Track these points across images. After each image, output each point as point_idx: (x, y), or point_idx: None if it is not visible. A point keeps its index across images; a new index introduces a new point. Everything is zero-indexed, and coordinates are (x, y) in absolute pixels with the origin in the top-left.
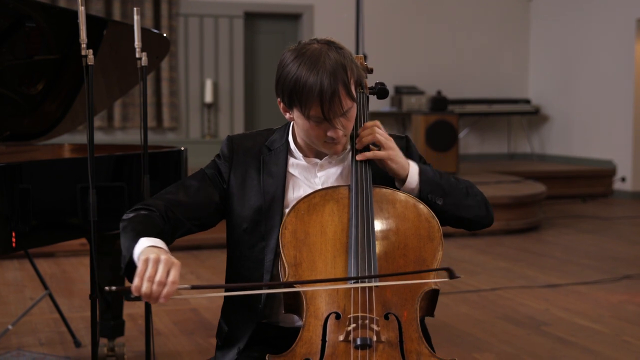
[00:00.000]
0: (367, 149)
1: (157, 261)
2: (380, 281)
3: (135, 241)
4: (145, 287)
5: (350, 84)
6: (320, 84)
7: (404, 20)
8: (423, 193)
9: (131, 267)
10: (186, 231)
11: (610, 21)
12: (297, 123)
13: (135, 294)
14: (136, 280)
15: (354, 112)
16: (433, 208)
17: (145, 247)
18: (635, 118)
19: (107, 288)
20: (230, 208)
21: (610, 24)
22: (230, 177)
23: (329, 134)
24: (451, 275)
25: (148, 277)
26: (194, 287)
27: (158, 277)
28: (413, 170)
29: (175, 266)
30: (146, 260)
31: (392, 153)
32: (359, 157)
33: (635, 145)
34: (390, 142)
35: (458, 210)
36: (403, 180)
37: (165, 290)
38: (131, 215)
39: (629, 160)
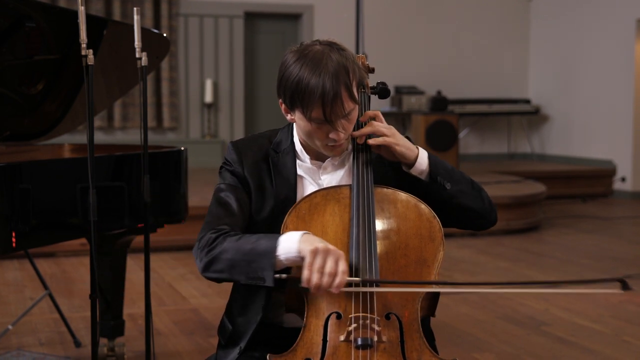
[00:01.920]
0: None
1: (326, 252)
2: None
3: (273, 241)
4: (315, 279)
5: (352, 85)
6: (322, 86)
7: (404, 20)
8: (433, 175)
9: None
10: None
11: (610, 21)
12: (299, 124)
13: (305, 285)
14: (306, 272)
15: (355, 114)
16: (441, 195)
17: (302, 236)
18: (635, 118)
19: (277, 275)
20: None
21: (610, 24)
22: (247, 177)
23: (330, 135)
24: (625, 286)
25: (318, 269)
26: (364, 281)
27: (328, 269)
28: (422, 153)
29: (343, 257)
30: (315, 251)
31: (398, 137)
32: (371, 141)
33: (635, 145)
34: (392, 130)
35: (465, 198)
36: (412, 163)
37: (336, 281)
38: (220, 238)
39: (629, 160)
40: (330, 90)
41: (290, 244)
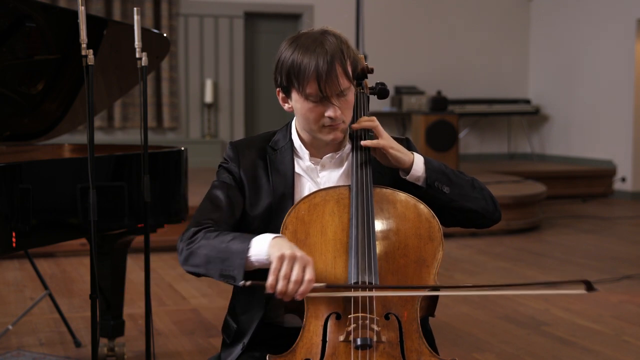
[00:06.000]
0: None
1: (293, 258)
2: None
3: (245, 242)
4: (280, 285)
5: (347, 63)
6: (316, 60)
7: (404, 20)
8: (429, 180)
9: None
10: None
11: (610, 21)
12: (296, 108)
13: (269, 291)
14: (271, 278)
15: (351, 97)
16: (440, 199)
17: (272, 240)
18: (635, 118)
19: (241, 283)
20: (243, 207)
21: (610, 24)
22: (241, 175)
23: (326, 114)
24: (589, 287)
25: (284, 275)
26: (328, 286)
27: (295, 276)
28: (418, 159)
29: (311, 263)
30: (282, 257)
31: (391, 141)
32: (363, 143)
33: (635, 145)
34: (386, 135)
35: (465, 200)
36: (408, 169)
37: (301, 289)
38: (201, 233)
39: (629, 160)
40: (324, 64)
41: (261, 247)
